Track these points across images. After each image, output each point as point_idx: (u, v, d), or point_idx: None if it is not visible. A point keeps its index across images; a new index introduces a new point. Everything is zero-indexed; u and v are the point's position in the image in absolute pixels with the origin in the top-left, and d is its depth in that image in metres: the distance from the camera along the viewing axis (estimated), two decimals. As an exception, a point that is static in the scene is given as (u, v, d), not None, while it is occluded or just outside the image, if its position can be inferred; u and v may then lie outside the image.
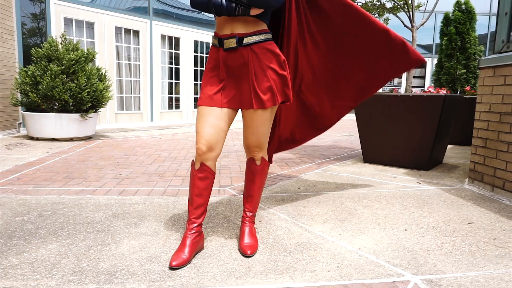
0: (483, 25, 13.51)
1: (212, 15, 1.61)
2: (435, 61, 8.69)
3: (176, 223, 2.16)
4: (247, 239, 1.80)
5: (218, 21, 1.69)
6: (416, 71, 15.22)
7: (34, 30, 6.46)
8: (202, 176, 1.67)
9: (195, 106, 9.51)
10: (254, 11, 1.58)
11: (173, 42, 8.75)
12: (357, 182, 3.27)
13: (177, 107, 9.09)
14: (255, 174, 1.85)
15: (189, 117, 9.29)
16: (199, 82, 9.49)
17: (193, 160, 1.72)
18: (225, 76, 1.68)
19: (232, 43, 1.62)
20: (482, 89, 3.00)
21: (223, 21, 1.66)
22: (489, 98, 2.91)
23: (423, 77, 14.79)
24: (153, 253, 1.75)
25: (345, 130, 8.42)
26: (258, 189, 1.88)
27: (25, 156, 4.17)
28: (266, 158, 1.88)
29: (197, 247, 1.71)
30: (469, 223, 2.23)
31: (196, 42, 9.16)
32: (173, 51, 8.80)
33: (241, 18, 1.62)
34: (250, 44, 1.63)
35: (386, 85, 14.87)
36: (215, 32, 1.73)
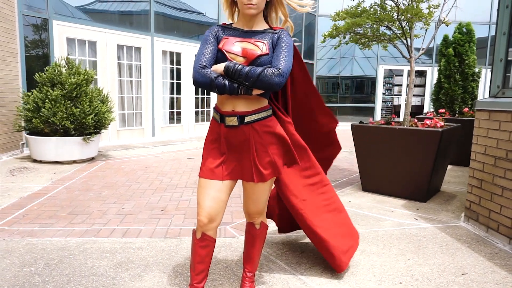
0: (483, 28, 13.47)
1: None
2: (435, 69, 8.68)
3: (179, 275, 2.23)
4: (247, 300, 1.87)
5: (220, 97, 1.74)
6: (416, 80, 15.23)
7: (37, 52, 6.54)
8: (203, 245, 1.73)
9: (196, 120, 9.57)
10: (256, 92, 1.63)
11: (174, 57, 8.83)
12: (355, 217, 3.33)
13: (178, 120, 9.16)
14: (255, 238, 1.92)
15: (190, 130, 9.36)
16: (200, 96, 9.56)
17: (194, 229, 1.78)
18: (226, 150, 1.74)
19: (233, 121, 1.67)
20: (477, 131, 3.06)
21: (225, 98, 1.70)
22: (484, 141, 2.97)
23: (423, 86, 14.84)
24: (156, 315, 1.82)
25: (345, 144, 8.45)
26: (258, 251, 1.95)
27: (29, 184, 4.25)
28: (265, 222, 1.95)
29: (199, 310, 1.78)
30: (462, 274, 2.30)
31: (197, 56, 9.22)
32: (174, 66, 8.88)
33: (243, 96, 1.67)
34: (251, 122, 1.69)
35: (387, 94, 14.93)
36: (216, 105, 1.78)
